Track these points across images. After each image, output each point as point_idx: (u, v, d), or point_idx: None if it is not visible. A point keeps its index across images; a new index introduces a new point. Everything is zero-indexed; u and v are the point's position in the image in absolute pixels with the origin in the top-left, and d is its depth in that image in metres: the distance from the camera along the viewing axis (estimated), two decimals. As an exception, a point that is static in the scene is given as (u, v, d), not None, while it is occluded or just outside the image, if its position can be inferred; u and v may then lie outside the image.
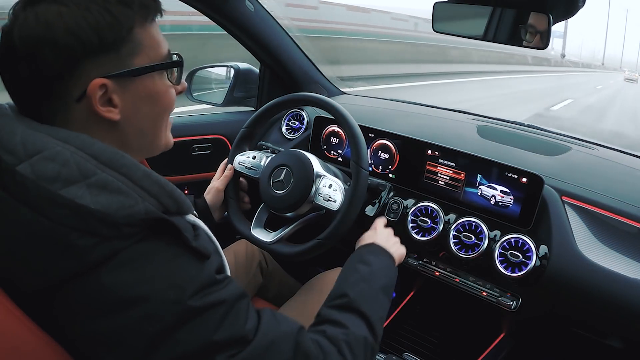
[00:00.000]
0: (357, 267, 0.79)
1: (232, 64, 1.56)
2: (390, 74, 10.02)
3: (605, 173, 1.18)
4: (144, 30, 0.56)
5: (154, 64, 0.58)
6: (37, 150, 0.50)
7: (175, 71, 0.62)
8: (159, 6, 0.58)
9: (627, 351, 1.00)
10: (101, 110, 0.54)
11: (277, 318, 0.60)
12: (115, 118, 0.55)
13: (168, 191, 0.54)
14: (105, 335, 0.49)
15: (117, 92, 0.55)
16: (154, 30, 0.58)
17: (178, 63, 0.62)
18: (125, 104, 0.56)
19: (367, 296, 0.73)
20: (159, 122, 0.62)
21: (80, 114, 0.54)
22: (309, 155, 1.05)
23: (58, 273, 0.48)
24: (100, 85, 0.53)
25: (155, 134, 0.62)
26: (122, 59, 0.54)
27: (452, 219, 1.10)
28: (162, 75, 0.60)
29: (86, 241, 0.48)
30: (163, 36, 0.60)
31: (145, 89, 0.58)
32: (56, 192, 0.48)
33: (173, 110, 0.64)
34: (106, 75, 0.53)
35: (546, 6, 0.91)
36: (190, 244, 0.53)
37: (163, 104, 0.61)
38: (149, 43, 0.57)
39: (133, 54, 0.55)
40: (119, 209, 0.49)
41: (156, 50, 0.58)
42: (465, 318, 1.28)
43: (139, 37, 0.55)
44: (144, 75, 0.57)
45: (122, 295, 0.49)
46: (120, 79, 0.55)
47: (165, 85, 0.60)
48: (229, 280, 0.57)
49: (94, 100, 0.53)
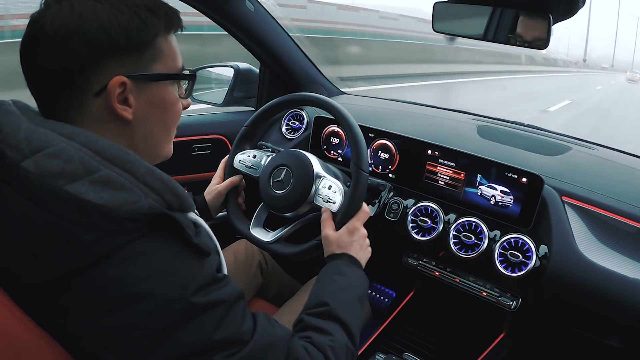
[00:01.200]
0: (333, 278, 0.80)
1: (232, 64, 1.55)
2: (381, 74, 10.00)
3: (605, 173, 1.18)
4: (166, 40, 0.59)
5: (170, 72, 0.61)
6: (42, 146, 0.50)
7: (184, 86, 0.65)
8: (181, 21, 0.61)
9: (627, 351, 1.00)
10: (118, 107, 0.56)
11: (271, 322, 0.62)
12: (128, 117, 0.57)
13: (171, 187, 0.55)
14: (107, 332, 0.50)
15: (133, 92, 0.57)
16: (173, 42, 0.61)
17: (191, 76, 0.65)
18: (139, 106, 0.58)
19: (345, 306, 0.75)
20: (166, 131, 0.64)
21: (95, 109, 0.56)
22: (309, 156, 1.05)
23: (62, 267, 0.48)
24: (120, 83, 0.55)
25: (161, 141, 0.64)
26: (143, 62, 0.57)
27: (452, 218, 1.10)
28: (174, 86, 0.62)
29: (90, 236, 0.48)
30: (179, 50, 0.62)
31: (159, 96, 0.60)
32: (61, 188, 0.48)
33: (178, 123, 0.66)
34: (127, 75, 0.55)
35: (546, 6, 0.91)
36: (192, 241, 0.54)
37: (172, 114, 0.63)
38: (168, 53, 0.60)
39: (153, 60, 0.58)
40: (123, 205, 0.50)
41: (174, 61, 0.61)
42: (465, 318, 1.28)
43: (161, 45, 0.58)
44: (159, 82, 0.59)
45: (125, 291, 0.49)
46: (138, 81, 0.57)
47: (175, 96, 0.63)
48: (228, 280, 0.58)
49: (113, 97, 0.55)
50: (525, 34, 0.96)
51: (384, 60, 11.04)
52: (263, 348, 0.57)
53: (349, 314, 0.74)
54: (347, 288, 0.79)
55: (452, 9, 1.08)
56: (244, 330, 0.56)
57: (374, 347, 1.22)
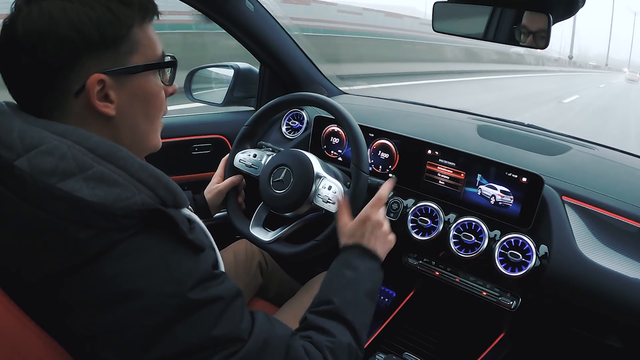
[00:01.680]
0: (342, 273, 0.78)
1: (232, 64, 1.56)
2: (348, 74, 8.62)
3: (605, 173, 1.18)
4: (142, 30, 0.58)
5: (150, 62, 0.59)
6: (35, 144, 0.50)
7: (167, 73, 0.64)
8: (156, 8, 0.60)
9: (627, 351, 1.00)
10: (98, 105, 0.55)
11: (270, 321, 0.62)
12: (111, 113, 0.57)
13: (164, 183, 0.55)
14: (104, 329, 0.50)
15: (114, 88, 0.56)
16: (150, 31, 0.60)
17: (172, 63, 0.64)
18: (121, 101, 0.57)
19: (352, 303, 0.73)
20: (151, 122, 0.63)
21: (77, 109, 0.55)
22: (309, 156, 1.05)
23: (58, 265, 0.48)
24: (98, 80, 0.54)
25: (147, 132, 0.63)
26: (120, 56, 0.56)
27: (452, 218, 1.10)
28: (156, 76, 0.61)
29: (84, 233, 0.48)
30: (158, 37, 0.61)
31: (140, 88, 0.59)
32: (54, 186, 0.48)
33: (165, 112, 0.66)
34: (105, 71, 0.55)
35: (546, 6, 0.91)
36: (186, 237, 0.53)
37: (155, 104, 0.62)
38: (146, 43, 0.59)
39: (131, 52, 0.57)
40: (116, 201, 0.50)
41: (152, 50, 0.60)
42: (465, 318, 1.28)
43: (137, 36, 0.57)
44: (140, 74, 0.58)
45: (121, 288, 0.49)
46: (117, 76, 0.56)
47: (158, 85, 0.62)
48: (225, 277, 0.58)
49: (92, 95, 0.54)
50: (531, 25, 0.95)
51: (349, 59, 9.75)
52: (262, 346, 0.56)
53: (355, 312, 0.72)
54: (355, 283, 0.77)
55: (452, 9, 1.08)
56: (243, 328, 0.56)
57: (374, 347, 1.22)
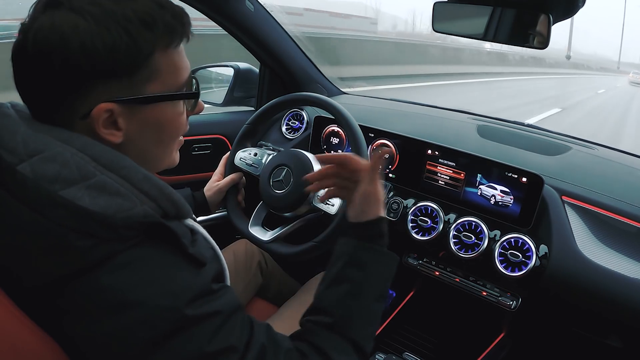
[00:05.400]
0: (346, 273, 0.67)
1: (232, 64, 1.56)
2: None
3: (605, 173, 1.18)
4: (165, 55, 0.53)
5: (168, 93, 0.55)
6: (38, 150, 0.49)
7: (192, 100, 0.60)
8: (186, 30, 0.54)
9: (627, 351, 1.00)
10: (103, 133, 0.53)
11: (270, 334, 0.59)
12: (116, 141, 0.54)
13: (167, 194, 0.54)
14: (99, 338, 0.49)
15: (123, 116, 0.53)
16: (176, 56, 0.55)
17: (194, 95, 0.59)
18: (131, 128, 0.54)
19: (355, 315, 0.65)
20: (164, 147, 0.60)
21: (82, 129, 0.53)
22: (309, 156, 1.05)
23: (55, 271, 0.48)
24: (106, 109, 0.51)
25: (158, 157, 0.60)
26: (134, 84, 0.52)
27: (452, 218, 1.10)
28: (174, 104, 0.57)
29: (84, 242, 0.47)
30: (186, 61, 0.56)
31: (154, 116, 0.55)
32: (55, 193, 0.48)
33: (185, 130, 0.61)
34: (114, 100, 0.51)
35: (546, 6, 0.91)
36: (187, 251, 0.52)
37: (170, 131, 0.59)
38: (167, 69, 0.54)
39: (148, 80, 0.53)
40: (118, 212, 0.49)
41: (174, 77, 0.55)
42: (465, 318, 1.28)
43: (157, 63, 0.53)
44: (155, 103, 0.55)
45: (118, 298, 0.48)
46: (129, 105, 0.53)
47: (176, 112, 0.58)
48: (226, 290, 0.56)
49: (97, 124, 0.52)
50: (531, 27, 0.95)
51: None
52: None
53: (358, 325, 0.64)
54: (362, 289, 0.66)
55: (451, 9, 1.08)
56: (240, 343, 0.53)
57: (374, 347, 1.22)
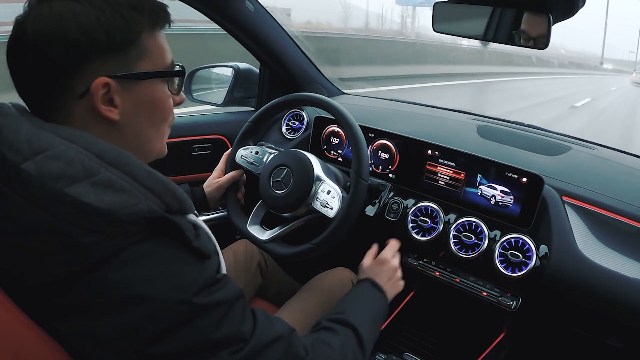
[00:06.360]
0: (353, 296, 0.90)
1: (232, 64, 1.56)
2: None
3: (605, 173, 1.18)
4: (152, 36, 0.58)
5: (158, 70, 0.59)
6: (42, 148, 0.50)
7: (176, 81, 0.63)
8: (168, 16, 0.59)
9: (628, 351, 1.00)
10: (102, 109, 0.55)
11: (270, 319, 0.62)
12: (114, 118, 0.56)
13: (171, 190, 0.55)
14: (108, 334, 0.50)
15: (119, 92, 0.56)
16: (160, 39, 0.59)
17: (180, 73, 0.63)
18: (126, 106, 0.57)
19: (360, 316, 0.81)
20: (156, 129, 0.62)
21: (81, 111, 0.55)
22: (310, 157, 1.04)
23: (63, 269, 0.48)
24: (103, 83, 0.54)
25: (151, 139, 0.62)
26: (128, 61, 0.56)
27: (452, 218, 1.10)
28: (163, 84, 0.61)
29: (90, 239, 0.48)
30: (168, 46, 0.61)
31: (146, 94, 0.59)
32: (61, 190, 0.48)
33: (172, 121, 0.65)
34: (111, 75, 0.54)
35: (546, 6, 0.91)
36: (191, 244, 0.54)
37: (162, 112, 0.62)
38: (155, 50, 0.58)
39: (139, 58, 0.56)
40: (123, 208, 0.50)
41: (161, 57, 0.59)
42: (465, 318, 1.28)
43: (146, 42, 0.57)
44: (146, 80, 0.58)
45: (126, 293, 0.49)
46: (123, 81, 0.56)
47: (165, 93, 0.61)
48: (227, 280, 0.58)
49: (96, 98, 0.54)
50: (531, 30, 0.95)
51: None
52: (264, 345, 0.57)
53: (362, 323, 0.79)
54: (364, 305, 0.86)
55: (452, 9, 1.08)
56: (244, 329, 0.56)
57: (374, 348, 1.22)
